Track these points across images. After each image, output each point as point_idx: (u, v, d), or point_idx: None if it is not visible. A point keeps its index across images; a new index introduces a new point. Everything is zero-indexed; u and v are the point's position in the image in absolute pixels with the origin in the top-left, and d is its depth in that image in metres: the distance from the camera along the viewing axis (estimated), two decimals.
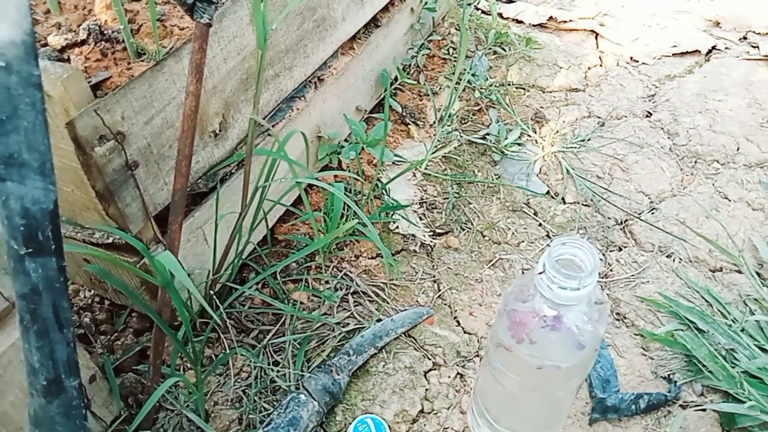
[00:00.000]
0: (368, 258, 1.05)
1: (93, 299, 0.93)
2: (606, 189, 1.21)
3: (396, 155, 1.25)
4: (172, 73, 0.71)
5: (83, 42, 0.84)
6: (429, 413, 0.85)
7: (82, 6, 0.91)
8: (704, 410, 0.85)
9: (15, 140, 0.38)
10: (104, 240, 0.73)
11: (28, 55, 0.38)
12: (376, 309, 0.97)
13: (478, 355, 0.92)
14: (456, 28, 1.58)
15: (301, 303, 0.98)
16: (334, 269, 1.03)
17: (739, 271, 1.04)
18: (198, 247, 0.85)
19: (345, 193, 0.98)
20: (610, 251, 1.09)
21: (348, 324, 0.94)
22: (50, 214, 0.40)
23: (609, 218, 1.15)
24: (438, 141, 1.28)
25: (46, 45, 0.84)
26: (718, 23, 1.68)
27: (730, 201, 1.18)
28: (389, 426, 0.81)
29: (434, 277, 1.04)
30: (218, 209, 0.82)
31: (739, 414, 0.81)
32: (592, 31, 1.68)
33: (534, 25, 1.70)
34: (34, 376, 0.43)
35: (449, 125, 1.32)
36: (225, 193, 0.86)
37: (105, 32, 0.84)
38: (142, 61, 0.83)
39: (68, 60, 0.82)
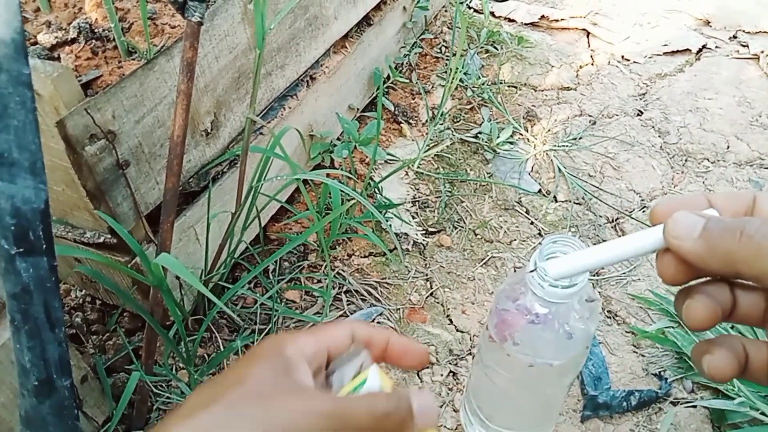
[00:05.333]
0: (361, 257, 1.06)
1: (84, 299, 0.93)
2: (597, 187, 1.22)
3: (388, 154, 1.25)
4: (163, 71, 0.71)
5: (73, 40, 0.83)
6: None
7: (72, 4, 0.90)
8: (695, 407, 0.85)
9: (5, 139, 0.38)
10: (95, 240, 0.73)
11: (18, 54, 0.38)
12: (369, 307, 0.97)
13: (470, 354, 0.92)
14: (448, 27, 1.58)
15: (294, 302, 0.98)
16: (327, 268, 1.03)
17: None
18: (190, 246, 0.85)
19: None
20: None
21: None
22: (41, 214, 0.40)
23: (600, 216, 1.16)
24: (430, 140, 1.28)
25: (35, 43, 0.84)
26: (708, 22, 1.69)
27: None
28: None
29: (427, 275, 1.04)
30: (210, 208, 0.82)
31: (729, 410, 0.82)
32: (584, 29, 1.68)
33: (526, 24, 1.70)
34: (26, 377, 0.42)
35: (441, 124, 1.32)
36: (217, 192, 0.86)
37: (95, 30, 0.84)
38: (133, 59, 0.83)
39: (58, 58, 0.82)
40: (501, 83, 1.47)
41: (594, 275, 1.04)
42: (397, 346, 0.38)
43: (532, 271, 0.57)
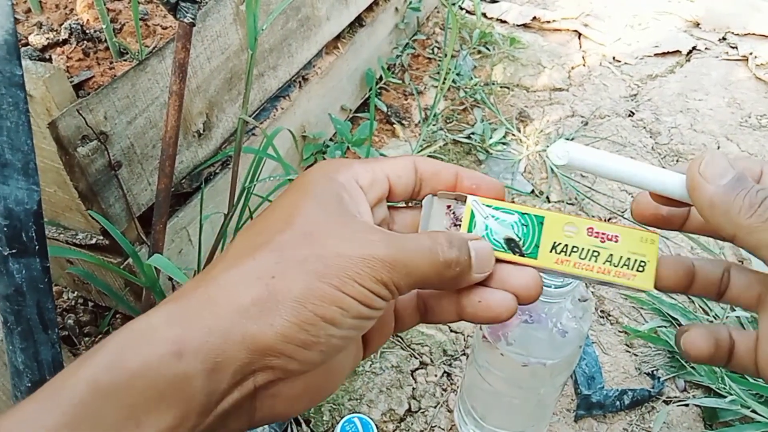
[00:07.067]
0: None
1: (77, 301, 0.92)
2: (590, 188, 1.22)
3: (381, 154, 1.26)
4: (155, 72, 0.71)
5: (65, 41, 0.83)
6: (416, 412, 0.85)
7: (64, 5, 0.90)
8: (687, 405, 0.86)
9: None
10: (87, 241, 0.73)
11: (11, 55, 0.38)
12: None
13: (464, 354, 0.92)
14: (440, 28, 1.59)
15: None
16: None
17: None
18: (182, 247, 0.84)
19: None
20: None
21: None
22: (34, 215, 0.40)
23: (593, 216, 1.16)
24: (423, 140, 1.28)
25: (27, 44, 0.83)
26: (698, 24, 1.70)
27: None
28: (376, 425, 0.82)
29: None
30: (203, 209, 0.82)
31: (720, 408, 0.82)
32: (576, 31, 1.69)
33: (518, 25, 1.71)
34: (19, 378, 0.42)
35: (434, 125, 1.33)
36: (209, 193, 0.86)
37: (87, 31, 0.83)
38: (125, 60, 0.82)
39: (50, 59, 0.81)
40: (493, 84, 1.47)
41: None
42: (468, 181, 0.34)
43: None
